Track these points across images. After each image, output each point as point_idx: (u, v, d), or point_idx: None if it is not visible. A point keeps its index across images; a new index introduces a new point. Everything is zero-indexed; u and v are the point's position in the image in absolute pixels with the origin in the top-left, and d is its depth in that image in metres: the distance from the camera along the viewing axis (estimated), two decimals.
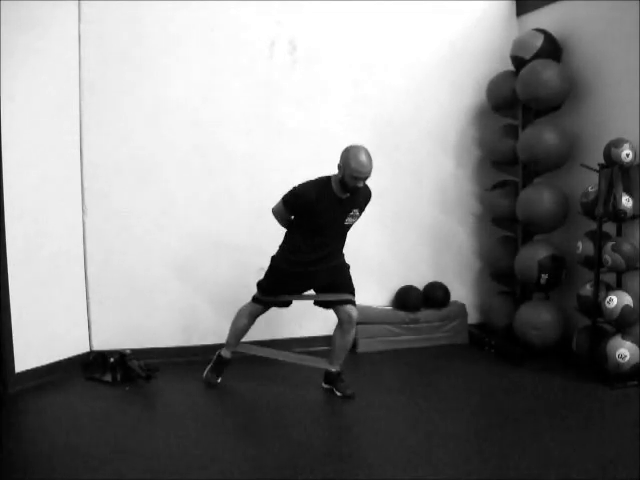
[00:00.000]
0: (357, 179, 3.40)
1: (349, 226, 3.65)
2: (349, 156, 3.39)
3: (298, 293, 3.79)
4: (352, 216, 3.59)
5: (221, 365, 3.91)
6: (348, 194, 3.50)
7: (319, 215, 3.51)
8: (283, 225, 3.71)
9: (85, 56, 4.09)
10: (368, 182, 3.53)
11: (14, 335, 3.73)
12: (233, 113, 4.39)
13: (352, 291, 3.71)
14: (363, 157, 3.38)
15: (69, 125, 4.09)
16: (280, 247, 3.73)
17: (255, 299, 3.79)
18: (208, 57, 4.32)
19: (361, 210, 3.65)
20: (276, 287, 3.73)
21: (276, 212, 3.66)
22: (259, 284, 3.76)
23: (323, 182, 3.52)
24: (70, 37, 4.03)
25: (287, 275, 3.66)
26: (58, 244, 4.03)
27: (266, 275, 3.75)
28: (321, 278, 3.67)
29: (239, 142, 4.41)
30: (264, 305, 3.79)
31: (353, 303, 3.68)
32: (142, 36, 4.20)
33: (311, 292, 3.80)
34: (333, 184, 3.50)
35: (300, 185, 3.54)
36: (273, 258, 3.73)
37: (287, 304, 3.86)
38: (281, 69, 4.47)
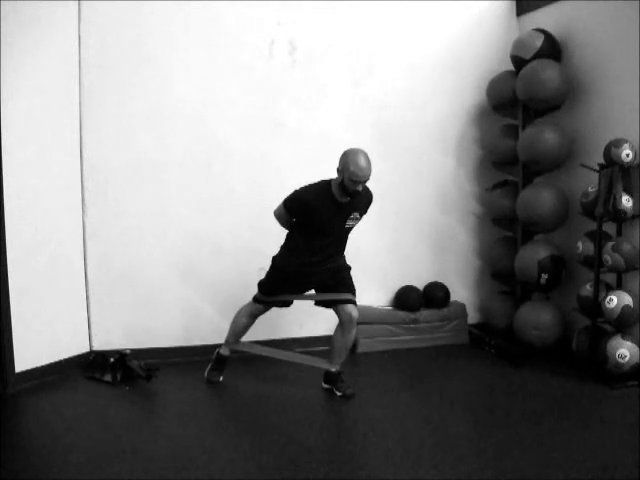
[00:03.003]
0: (356, 183, 3.41)
1: (350, 229, 3.66)
2: (348, 160, 3.40)
3: (299, 293, 3.80)
4: (352, 219, 3.60)
5: (221, 363, 3.94)
6: (348, 198, 3.50)
7: (319, 219, 3.52)
8: (285, 227, 3.73)
9: (85, 56, 4.09)
10: (369, 182, 3.52)
11: (14, 335, 3.73)
12: (233, 113, 4.39)
13: (353, 291, 3.71)
14: (362, 161, 3.39)
15: (69, 125, 4.08)
16: (281, 248, 3.74)
17: (256, 299, 3.80)
18: (208, 57, 4.32)
19: (362, 213, 3.66)
20: (277, 287, 3.74)
21: (277, 214, 3.68)
22: (260, 284, 3.78)
23: (323, 186, 3.53)
24: (70, 37, 4.03)
25: (289, 275, 3.67)
26: (58, 244, 4.03)
27: (267, 275, 3.77)
28: (321, 278, 3.69)
29: (239, 142, 4.40)
30: (265, 305, 3.81)
31: (354, 303, 3.68)
32: (142, 36, 4.20)
33: (311, 292, 3.81)
34: (333, 188, 3.50)
35: (301, 189, 3.55)
36: (274, 259, 3.75)
37: (288, 304, 3.87)
38: (281, 69, 4.46)
